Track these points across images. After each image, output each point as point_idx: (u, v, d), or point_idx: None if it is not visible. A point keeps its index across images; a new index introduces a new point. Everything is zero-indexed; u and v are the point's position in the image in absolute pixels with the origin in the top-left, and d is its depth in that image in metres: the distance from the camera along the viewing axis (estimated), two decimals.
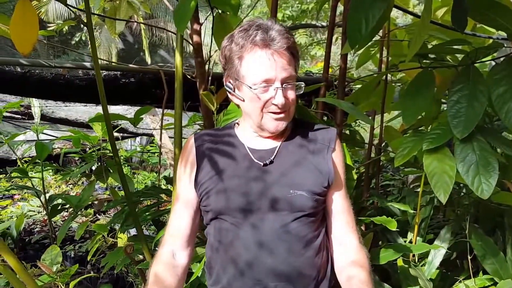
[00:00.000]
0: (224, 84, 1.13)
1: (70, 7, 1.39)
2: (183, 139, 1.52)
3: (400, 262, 1.52)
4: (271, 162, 1.09)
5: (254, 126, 1.12)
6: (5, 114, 4.17)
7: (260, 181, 1.07)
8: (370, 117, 2.44)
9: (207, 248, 1.16)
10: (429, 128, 1.80)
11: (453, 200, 1.92)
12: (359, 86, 2.28)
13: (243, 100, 1.08)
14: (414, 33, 1.33)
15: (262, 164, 1.09)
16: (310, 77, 2.91)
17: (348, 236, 1.13)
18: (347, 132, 2.32)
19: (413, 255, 1.60)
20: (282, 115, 1.06)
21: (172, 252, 1.14)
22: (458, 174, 1.29)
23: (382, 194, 2.76)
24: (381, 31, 2.12)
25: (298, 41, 10.45)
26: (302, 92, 1.08)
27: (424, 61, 1.58)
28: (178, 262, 1.14)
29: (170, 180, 1.95)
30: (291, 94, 1.06)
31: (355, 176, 1.50)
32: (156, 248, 1.81)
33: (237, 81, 1.07)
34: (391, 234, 1.72)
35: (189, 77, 1.65)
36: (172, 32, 1.36)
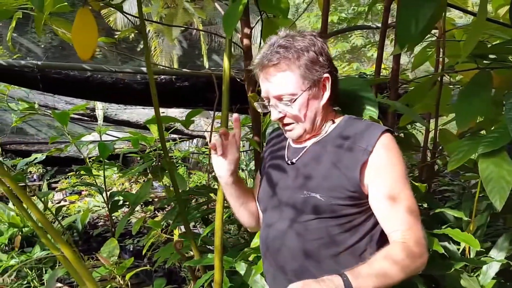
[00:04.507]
0: None
1: (126, 14, 1.48)
2: None
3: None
4: (293, 162, 1.14)
5: None
6: (75, 116, 4.51)
7: (283, 179, 1.14)
8: (426, 120, 2.35)
9: None
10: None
11: None
12: None
13: None
14: (469, 33, 1.28)
15: (287, 162, 1.15)
16: (363, 79, 2.86)
17: (395, 235, 1.02)
18: (402, 135, 2.26)
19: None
20: (288, 127, 1.12)
21: None
22: None
23: (440, 200, 2.64)
24: (438, 31, 2.04)
25: (354, 43, 10.24)
26: (291, 104, 1.07)
27: (484, 61, 1.51)
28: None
29: None
30: (289, 109, 1.08)
31: None
32: (204, 245, 1.88)
33: None
34: (444, 241, 1.64)
35: (238, 80, 1.70)
36: (222, 36, 1.41)
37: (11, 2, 1.52)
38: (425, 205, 1.63)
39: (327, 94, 1.11)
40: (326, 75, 1.08)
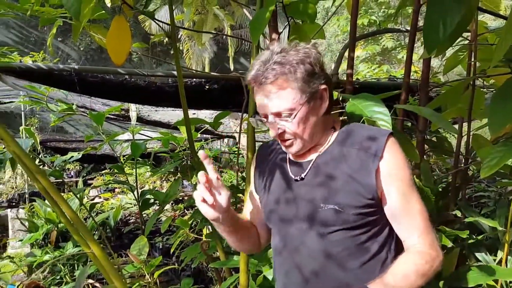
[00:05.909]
0: None
1: (157, 21, 1.53)
2: (259, 143, 1.59)
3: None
4: (302, 178, 1.10)
5: None
6: (112, 116, 4.67)
7: (293, 196, 1.10)
8: (458, 124, 2.29)
9: None
10: None
11: None
12: None
13: None
14: (500, 37, 1.24)
15: (295, 178, 1.11)
16: (393, 82, 2.81)
17: (410, 241, 1.04)
18: (434, 139, 2.20)
19: None
20: (287, 143, 1.08)
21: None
22: None
23: (475, 206, 2.55)
24: (470, 34, 1.99)
25: (385, 45, 10.06)
26: (291, 120, 1.04)
27: None
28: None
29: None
30: (288, 125, 1.04)
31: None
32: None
33: None
34: (480, 251, 1.60)
35: None
36: (249, 41, 1.43)
37: (51, 11, 1.61)
38: (459, 213, 1.58)
39: (325, 105, 1.08)
40: (324, 86, 1.06)
